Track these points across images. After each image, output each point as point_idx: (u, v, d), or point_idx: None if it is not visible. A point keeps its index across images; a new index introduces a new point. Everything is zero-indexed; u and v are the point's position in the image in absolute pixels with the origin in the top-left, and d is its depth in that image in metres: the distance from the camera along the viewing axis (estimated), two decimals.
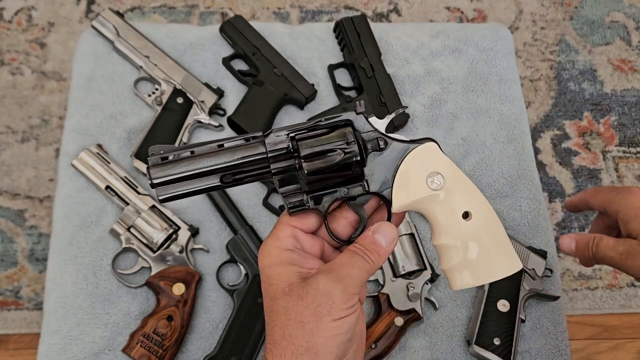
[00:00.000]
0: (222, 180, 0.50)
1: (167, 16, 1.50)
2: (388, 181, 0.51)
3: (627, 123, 1.43)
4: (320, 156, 0.49)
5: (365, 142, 0.51)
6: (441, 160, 0.51)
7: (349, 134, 0.50)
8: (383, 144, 0.51)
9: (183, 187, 0.49)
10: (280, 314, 0.48)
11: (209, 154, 0.50)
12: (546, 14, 1.56)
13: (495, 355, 0.80)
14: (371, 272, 0.50)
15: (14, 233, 1.24)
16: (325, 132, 0.50)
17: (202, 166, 0.49)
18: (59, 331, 0.82)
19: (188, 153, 0.49)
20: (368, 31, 1.00)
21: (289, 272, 0.49)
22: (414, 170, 0.51)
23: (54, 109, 1.36)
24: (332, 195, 0.51)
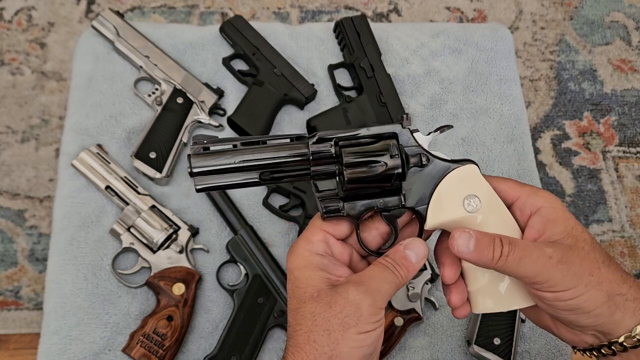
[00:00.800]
0: (260, 177, 0.50)
1: (167, 16, 1.50)
2: (425, 198, 0.51)
3: (627, 123, 1.43)
4: (362, 165, 0.49)
5: (408, 157, 0.51)
6: (480, 184, 0.51)
7: (394, 146, 0.50)
8: (425, 161, 0.51)
9: (221, 179, 0.50)
10: (306, 318, 0.48)
11: (253, 149, 0.50)
12: (546, 14, 1.56)
13: (495, 355, 0.80)
14: (399, 287, 0.50)
15: (14, 233, 1.24)
16: (370, 142, 0.51)
17: (244, 159, 0.49)
18: (59, 331, 0.82)
19: (230, 146, 0.50)
20: (368, 31, 1.00)
21: (318, 277, 0.49)
22: (452, 190, 0.51)
23: (54, 109, 1.36)
24: (368, 205, 0.51)
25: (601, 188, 1.35)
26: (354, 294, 0.47)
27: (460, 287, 0.53)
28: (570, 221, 0.50)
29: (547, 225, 0.49)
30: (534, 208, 0.51)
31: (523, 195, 0.51)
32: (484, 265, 0.49)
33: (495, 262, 0.47)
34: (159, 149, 0.90)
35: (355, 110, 0.94)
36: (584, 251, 0.48)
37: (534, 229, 0.50)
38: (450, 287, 0.53)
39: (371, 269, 0.50)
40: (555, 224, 0.49)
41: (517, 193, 0.52)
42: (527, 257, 0.47)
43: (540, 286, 0.47)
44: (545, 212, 0.50)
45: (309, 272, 0.49)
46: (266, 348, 0.83)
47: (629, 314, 0.47)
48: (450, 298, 0.53)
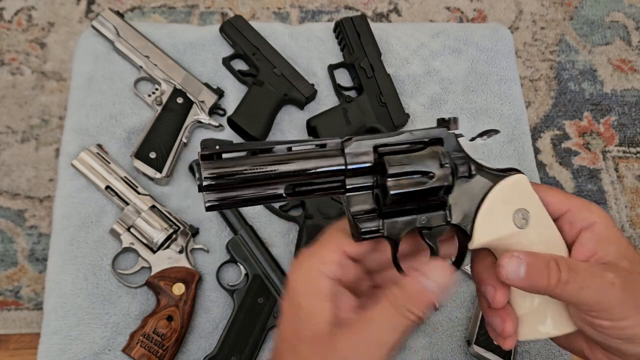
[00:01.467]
0: (285, 192, 0.41)
1: (167, 16, 1.50)
2: (471, 213, 0.44)
3: (627, 123, 1.43)
4: (409, 176, 0.42)
5: (457, 166, 0.44)
6: (530, 196, 0.46)
7: (443, 155, 0.43)
8: (474, 170, 0.45)
9: (236, 193, 0.41)
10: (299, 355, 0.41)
11: (276, 156, 0.41)
12: (546, 14, 1.56)
13: (495, 355, 0.80)
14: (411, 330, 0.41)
15: (14, 233, 1.24)
16: (416, 150, 0.43)
17: (266, 170, 0.41)
18: (59, 331, 0.82)
19: (249, 152, 0.41)
20: (368, 31, 1.00)
21: (323, 311, 0.42)
22: (500, 204, 0.45)
23: (54, 109, 1.36)
24: (410, 222, 0.43)
25: (601, 188, 1.35)
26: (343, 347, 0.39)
27: (510, 311, 0.46)
28: (623, 241, 0.45)
29: (600, 244, 0.45)
30: (585, 223, 0.45)
31: (573, 208, 0.46)
32: (536, 291, 0.43)
33: (551, 288, 0.42)
34: (159, 149, 0.90)
35: (355, 110, 0.94)
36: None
37: (585, 247, 0.45)
38: (501, 312, 0.46)
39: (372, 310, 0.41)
40: (609, 243, 0.44)
41: (566, 205, 0.46)
42: (588, 287, 0.42)
43: (597, 314, 0.43)
44: (599, 229, 0.45)
45: (315, 302, 0.42)
46: (266, 348, 0.83)
47: None
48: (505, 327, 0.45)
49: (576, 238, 0.46)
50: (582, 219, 0.46)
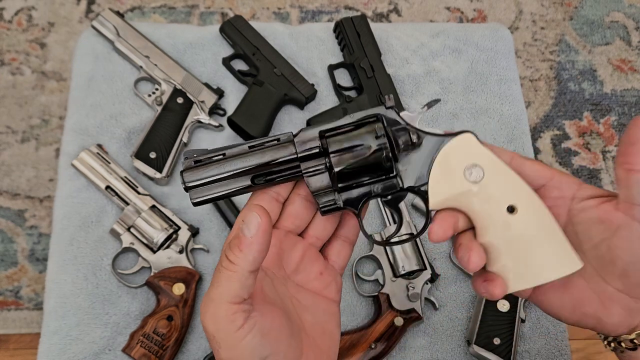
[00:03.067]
0: (253, 182, 0.49)
1: (167, 16, 1.50)
2: (423, 176, 0.48)
3: (627, 123, 1.43)
4: (349, 151, 0.48)
5: (397, 137, 0.49)
6: (480, 152, 0.48)
7: (379, 128, 0.48)
8: (416, 138, 0.49)
9: (215, 189, 0.49)
10: None
11: (240, 155, 0.49)
12: (546, 14, 1.56)
13: (495, 355, 0.80)
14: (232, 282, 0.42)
15: (14, 233, 1.24)
16: (355, 128, 0.49)
17: (233, 168, 0.49)
18: (59, 331, 0.82)
19: (220, 156, 0.49)
20: (368, 31, 1.00)
21: None
22: (450, 162, 0.48)
23: (54, 109, 1.36)
24: (365, 192, 0.49)
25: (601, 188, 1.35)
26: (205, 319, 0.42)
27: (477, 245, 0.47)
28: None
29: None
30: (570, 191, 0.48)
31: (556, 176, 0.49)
32: None
33: None
34: (159, 149, 0.90)
35: (355, 110, 0.94)
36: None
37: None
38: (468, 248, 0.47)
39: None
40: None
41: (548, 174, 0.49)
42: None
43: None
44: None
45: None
46: None
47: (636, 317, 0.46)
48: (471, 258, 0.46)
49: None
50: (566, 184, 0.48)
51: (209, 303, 0.42)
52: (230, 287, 0.42)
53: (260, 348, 0.42)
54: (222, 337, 0.42)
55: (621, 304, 0.47)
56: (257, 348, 0.42)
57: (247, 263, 0.42)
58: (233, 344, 0.41)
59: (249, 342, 0.42)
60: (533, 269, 0.46)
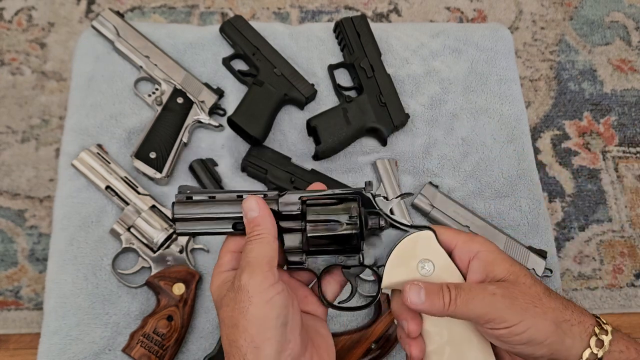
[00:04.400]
0: (234, 227, 0.55)
1: (167, 16, 1.50)
2: (382, 259, 0.55)
3: (627, 123, 1.43)
4: (323, 223, 0.53)
5: (368, 219, 0.54)
6: (435, 250, 0.54)
7: (354, 209, 0.53)
8: (384, 224, 0.55)
9: (200, 226, 0.55)
10: (222, 324, 0.50)
11: (227, 201, 0.55)
12: (546, 14, 1.56)
13: None
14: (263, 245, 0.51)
15: (14, 233, 1.24)
16: (333, 203, 0.54)
17: (219, 211, 0.55)
18: (59, 331, 0.82)
19: (210, 198, 0.55)
20: (368, 31, 1.00)
21: (225, 284, 0.52)
22: (407, 254, 0.54)
23: (54, 109, 1.36)
24: (329, 261, 0.55)
25: (601, 188, 1.35)
26: (237, 280, 0.49)
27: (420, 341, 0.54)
28: (507, 260, 0.52)
29: (487, 267, 0.52)
30: (471, 254, 0.53)
31: (460, 243, 0.54)
32: (438, 312, 0.50)
33: (447, 308, 0.50)
34: (159, 149, 0.90)
35: (355, 110, 0.94)
36: (524, 286, 0.51)
37: (476, 273, 0.52)
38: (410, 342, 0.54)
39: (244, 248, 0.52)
40: (494, 265, 0.52)
41: (454, 241, 0.54)
42: (473, 297, 0.49)
43: (493, 324, 0.49)
44: (483, 256, 0.52)
45: (219, 288, 0.53)
46: None
47: (577, 339, 0.49)
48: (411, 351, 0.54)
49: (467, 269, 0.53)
50: (468, 251, 0.53)
51: (245, 267, 0.49)
52: (263, 250, 0.50)
53: (285, 311, 0.48)
54: (256, 291, 0.48)
55: None
56: (283, 310, 0.48)
57: (269, 230, 0.52)
58: (266, 298, 0.48)
59: (277, 301, 0.48)
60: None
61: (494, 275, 0.52)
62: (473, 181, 0.96)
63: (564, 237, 1.30)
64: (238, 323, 0.48)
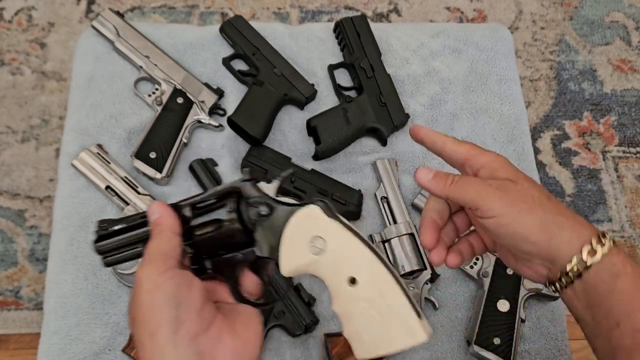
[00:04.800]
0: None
1: (167, 16, 1.50)
2: (276, 246, 0.51)
3: (627, 123, 1.43)
4: (206, 226, 0.52)
5: (249, 209, 0.52)
6: (324, 224, 0.50)
7: (230, 202, 0.52)
8: (268, 209, 0.51)
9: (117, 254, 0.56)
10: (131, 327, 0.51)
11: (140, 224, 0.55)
12: (546, 14, 1.56)
13: (495, 355, 0.80)
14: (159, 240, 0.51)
15: (14, 233, 1.24)
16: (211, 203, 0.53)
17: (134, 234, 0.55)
18: (59, 331, 0.82)
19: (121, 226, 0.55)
20: (368, 31, 1.00)
21: None
22: (297, 235, 0.50)
23: (54, 109, 1.36)
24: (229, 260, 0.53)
25: (601, 188, 1.35)
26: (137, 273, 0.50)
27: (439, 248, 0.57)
28: (513, 168, 0.54)
29: (492, 173, 0.54)
30: (480, 164, 0.55)
31: (470, 156, 0.56)
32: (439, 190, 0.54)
33: (447, 186, 0.53)
34: (159, 149, 0.90)
35: (355, 110, 0.94)
36: (522, 187, 0.52)
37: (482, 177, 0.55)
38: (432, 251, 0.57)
39: None
40: (498, 171, 0.54)
41: (468, 153, 0.56)
42: (470, 184, 0.53)
43: (481, 212, 0.51)
44: (490, 164, 0.55)
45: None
46: (266, 348, 0.83)
47: (565, 243, 0.50)
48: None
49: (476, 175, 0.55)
50: (478, 162, 0.55)
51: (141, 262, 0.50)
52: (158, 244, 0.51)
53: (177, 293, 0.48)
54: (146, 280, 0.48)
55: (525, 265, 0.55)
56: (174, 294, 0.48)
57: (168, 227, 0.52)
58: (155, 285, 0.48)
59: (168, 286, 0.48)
60: (376, 339, 0.48)
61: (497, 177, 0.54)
62: None
63: None
64: (135, 316, 0.48)
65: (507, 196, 0.51)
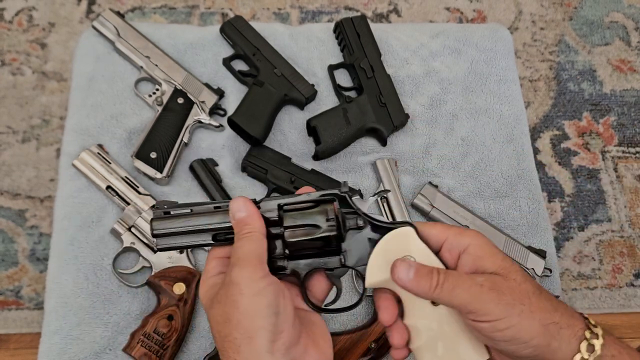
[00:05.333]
0: (214, 238, 0.55)
1: (167, 17, 1.50)
2: (364, 258, 0.54)
3: (626, 123, 1.43)
4: (300, 228, 0.53)
5: (346, 220, 0.55)
6: (416, 245, 0.53)
7: (330, 211, 0.53)
8: (362, 223, 0.54)
9: (180, 240, 0.55)
10: (213, 323, 0.51)
11: (205, 214, 0.55)
12: (545, 15, 1.56)
13: None
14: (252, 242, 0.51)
15: (14, 233, 1.24)
16: (310, 207, 0.54)
17: (197, 224, 0.55)
18: (59, 331, 0.82)
19: (188, 210, 0.55)
20: (368, 32, 1.00)
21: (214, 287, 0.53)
22: (388, 251, 0.53)
23: (54, 109, 1.36)
24: (310, 264, 0.55)
25: (600, 188, 1.36)
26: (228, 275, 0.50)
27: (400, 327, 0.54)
28: (498, 255, 0.51)
29: (476, 261, 0.51)
30: (461, 247, 0.52)
31: (450, 237, 0.53)
32: (423, 293, 0.50)
33: (432, 290, 0.49)
34: (159, 149, 0.90)
35: (355, 110, 0.94)
36: (515, 282, 0.49)
37: (465, 267, 0.51)
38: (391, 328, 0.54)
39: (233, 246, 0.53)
40: (484, 259, 0.51)
41: (444, 235, 0.53)
42: (460, 285, 0.49)
43: (476, 316, 0.48)
44: (473, 250, 0.51)
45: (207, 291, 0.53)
46: None
47: (565, 343, 0.48)
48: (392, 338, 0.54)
49: (457, 262, 0.52)
50: (458, 245, 0.52)
51: (235, 262, 0.50)
52: (252, 246, 0.51)
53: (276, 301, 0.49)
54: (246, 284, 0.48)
55: None
56: (274, 301, 0.49)
57: (258, 228, 0.52)
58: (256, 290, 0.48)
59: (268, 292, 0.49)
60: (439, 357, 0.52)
61: (484, 269, 0.50)
62: (472, 181, 0.96)
63: (564, 237, 1.30)
64: (231, 317, 0.48)
65: (502, 298, 0.48)
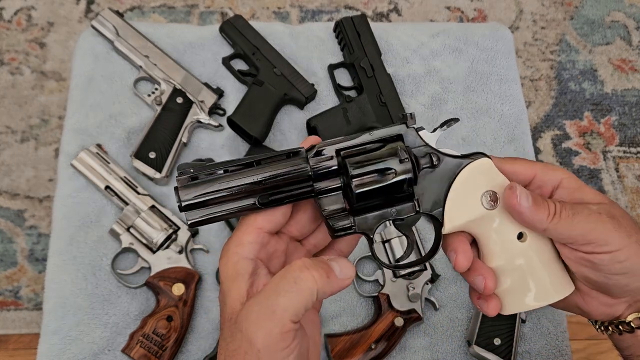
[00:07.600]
0: (258, 202, 0.44)
1: (166, 16, 1.50)
2: (440, 201, 0.47)
3: (627, 123, 1.43)
4: (370, 175, 0.44)
5: (418, 159, 0.46)
6: (496, 177, 0.47)
7: (402, 150, 0.45)
8: (436, 160, 0.46)
9: (215, 209, 0.44)
10: (223, 342, 0.43)
11: (245, 171, 0.44)
12: (546, 14, 1.56)
13: (495, 355, 0.80)
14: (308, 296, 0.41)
15: (13, 233, 1.24)
16: (376, 149, 0.46)
17: (237, 184, 0.44)
18: (58, 331, 0.82)
19: (221, 171, 0.44)
20: (368, 31, 1.00)
21: (239, 291, 0.43)
22: (467, 188, 0.47)
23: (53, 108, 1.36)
24: (381, 216, 0.46)
25: (601, 188, 1.35)
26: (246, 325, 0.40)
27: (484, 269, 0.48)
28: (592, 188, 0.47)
29: (574, 194, 0.46)
30: (554, 182, 0.47)
31: (539, 172, 0.47)
32: (538, 223, 0.44)
33: (550, 219, 0.43)
34: (158, 149, 0.90)
35: (355, 110, 0.94)
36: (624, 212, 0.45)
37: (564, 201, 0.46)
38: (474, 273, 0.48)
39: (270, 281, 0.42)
40: (583, 191, 0.46)
41: (532, 171, 0.47)
42: (579, 213, 0.43)
43: (594, 247, 0.43)
44: (568, 183, 0.47)
45: (235, 285, 0.43)
46: None
47: None
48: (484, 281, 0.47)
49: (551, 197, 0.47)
50: (550, 180, 0.47)
51: (269, 315, 0.40)
52: (297, 304, 0.40)
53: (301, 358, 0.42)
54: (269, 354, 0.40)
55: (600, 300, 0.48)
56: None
57: (323, 293, 0.41)
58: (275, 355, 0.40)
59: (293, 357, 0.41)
60: (530, 294, 0.47)
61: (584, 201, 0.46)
62: None
63: None
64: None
65: (622, 227, 0.44)
